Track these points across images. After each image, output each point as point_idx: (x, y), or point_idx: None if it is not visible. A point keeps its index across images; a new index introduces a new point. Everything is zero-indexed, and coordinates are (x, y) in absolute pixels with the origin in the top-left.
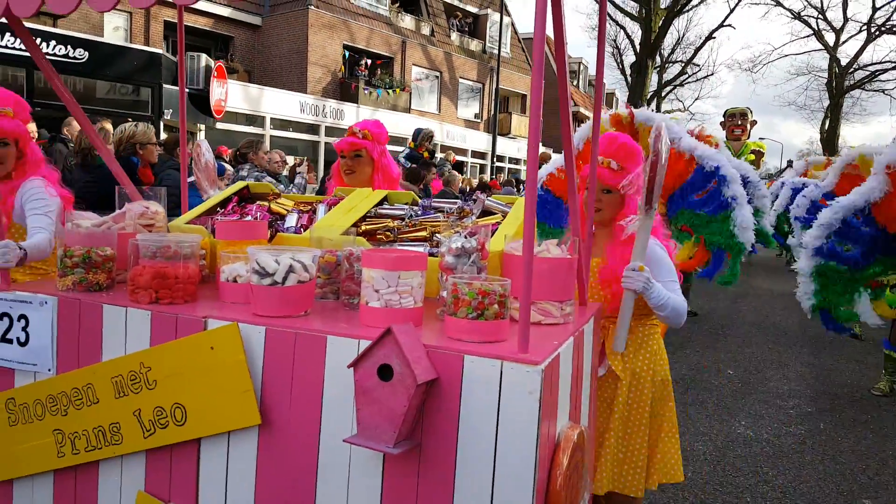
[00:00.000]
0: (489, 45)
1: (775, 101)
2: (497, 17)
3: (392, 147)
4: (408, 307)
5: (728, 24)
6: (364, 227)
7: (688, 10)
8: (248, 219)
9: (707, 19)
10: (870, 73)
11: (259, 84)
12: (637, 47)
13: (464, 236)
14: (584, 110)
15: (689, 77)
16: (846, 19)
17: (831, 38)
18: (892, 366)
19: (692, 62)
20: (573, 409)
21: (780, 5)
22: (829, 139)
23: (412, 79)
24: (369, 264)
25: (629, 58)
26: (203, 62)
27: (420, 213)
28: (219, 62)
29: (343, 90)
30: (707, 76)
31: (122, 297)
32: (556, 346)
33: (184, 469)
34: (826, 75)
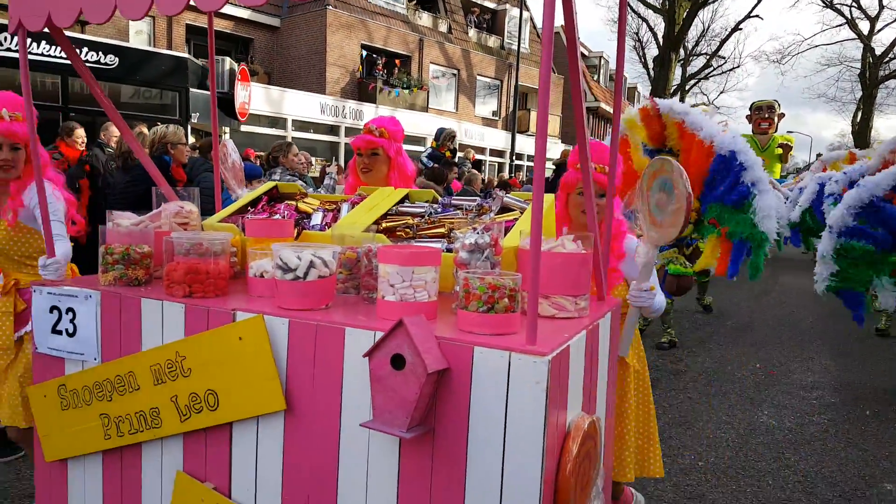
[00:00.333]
0: (507, 40)
1: (804, 94)
2: (514, 12)
3: (411, 146)
4: (422, 301)
5: (755, 15)
6: (385, 225)
7: (713, 1)
8: (276, 217)
9: (733, 10)
10: None
11: (278, 85)
12: (660, 40)
13: (478, 232)
14: (605, 105)
15: (714, 70)
16: (882, 7)
17: (865, 26)
18: None
19: (717, 54)
20: (586, 400)
21: None
22: (861, 131)
23: (430, 77)
24: (385, 260)
25: (652, 51)
26: (227, 65)
27: (440, 210)
28: (242, 65)
29: (361, 90)
30: (733, 69)
31: (158, 292)
32: (566, 339)
33: (218, 451)
34: (859, 65)
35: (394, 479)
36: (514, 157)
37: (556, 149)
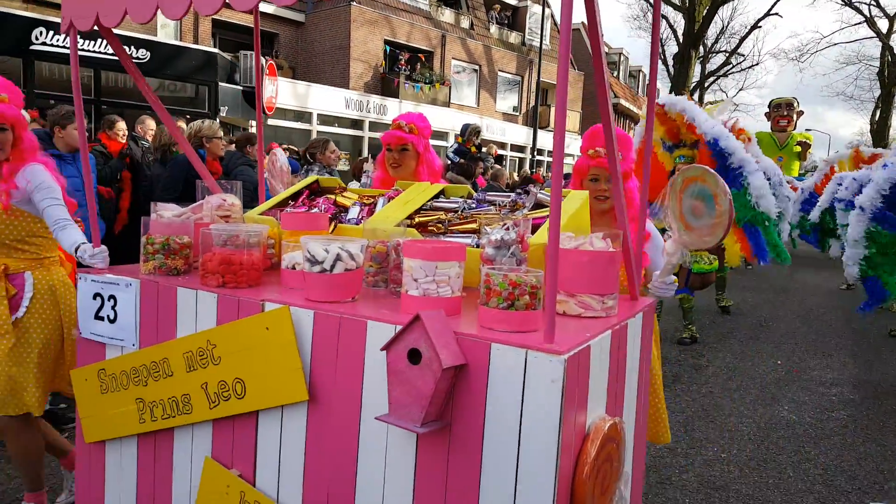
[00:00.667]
0: (528, 37)
1: (823, 92)
2: (535, 9)
3: (434, 141)
4: (445, 296)
5: (775, 13)
6: (418, 220)
7: None
8: (315, 211)
9: (752, 8)
10: None
11: (302, 80)
12: (680, 37)
13: (504, 228)
14: (624, 102)
15: (733, 67)
16: None
17: (884, 24)
18: None
19: (737, 52)
20: (611, 402)
21: None
22: (880, 130)
23: (451, 73)
24: (409, 254)
25: (671, 48)
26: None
27: (474, 206)
28: (269, 60)
29: (384, 85)
30: (752, 66)
31: (194, 281)
32: (588, 339)
33: (244, 438)
34: (878, 64)
35: (410, 472)
36: (535, 153)
37: (575, 144)
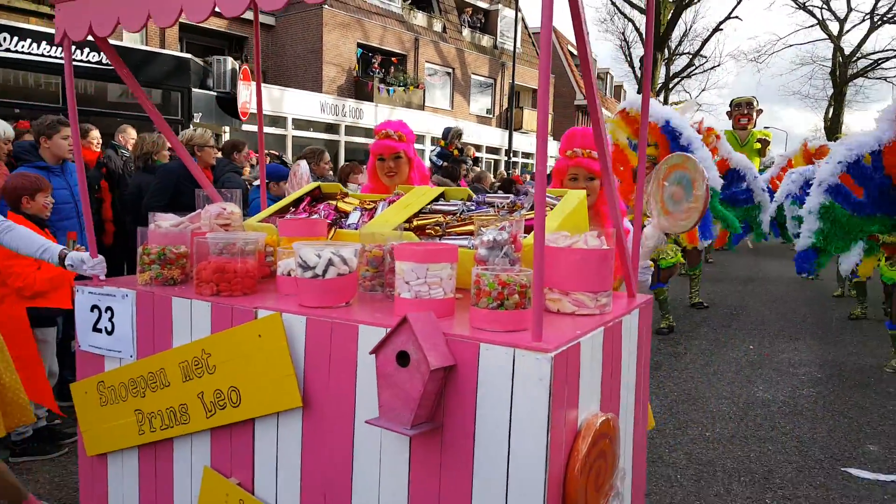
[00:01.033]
0: (500, 40)
1: (780, 91)
2: (506, 12)
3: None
4: (437, 298)
5: (735, 16)
6: (415, 223)
7: (697, 3)
8: (315, 217)
9: (713, 11)
10: (872, 61)
11: (273, 84)
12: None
13: (500, 229)
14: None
15: (696, 69)
16: (850, 9)
17: (835, 27)
18: None
19: (699, 54)
20: (605, 399)
21: None
22: (833, 127)
23: (425, 76)
24: (401, 257)
25: (637, 50)
26: (229, 65)
27: (474, 208)
28: (244, 65)
29: (358, 88)
30: (713, 67)
31: (189, 291)
32: (577, 336)
33: (242, 447)
34: (830, 64)
35: (404, 474)
36: (511, 155)
37: (548, 145)
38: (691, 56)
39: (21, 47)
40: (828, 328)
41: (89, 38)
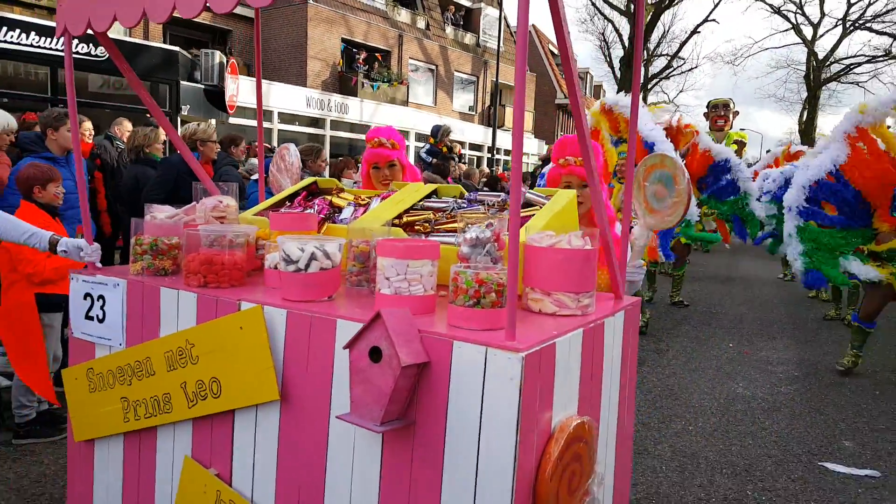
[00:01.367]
0: (482, 38)
1: (756, 94)
2: (488, 11)
3: None
4: (417, 294)
5: (712, 19)
6: (405, 219)
7: (675, 5)
8: (310, 211)
9: (691, 13)
10: (845, 66)
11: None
12: (625, 41)
13: (487, 226)
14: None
15: (674, 70)
16: (823, 14)
17: (809, 32)
18: (858, 339)
19: (677, 56)
20: (585, 402)
21: (761, 0)
22: (807, 130)
23: (408, 72)
24: (382, 253)
25: (617, 52)
26: (217, 58)
27: (465, 205)
28: (231, 58)
29: (342, 84)
30: (691, 69)
31: (179, 282)
32: (553, 337)
33: (222, 438)
34: (804, 68)
35: (376, 470)
36: (495, 152)
37: (528, 143)
38: (669, 58)
39: (12, 38)
40: (804, 328)
41: (88, 31)
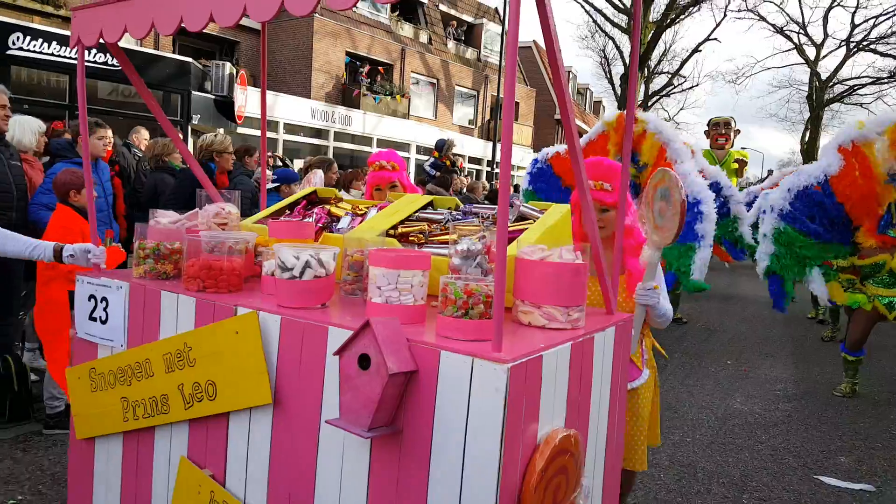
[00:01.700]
0: (483, 53)
1: (757, 113)
2: (490, 26)
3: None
4: (407, 304)
5: (713, 38)
6: (400, 230)
7: (677, 23)
8: (308, 220)
9: (692, 32)
10: (848, 87)
11: (266, 88)
12: (626, 59)
13: (473, 239)
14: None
15: (675, 88)
16: (826, 35)
17: (812, 52)
18: (850, 368)
19: (678, 74)
20: (572, 415)
21: (763, 20)
22: (809, 150)
23: (409, 85)
24: (373, 262)
25: (618, 69)
26: (227, 70)
27: (460, 217)
28: (241, 70)
29: (345, 96)
30: (692, 87)
31: (179, 286)
32: (540, 349)
33: (216, 439)
34: (807, 88)
35: (364, 476)
36: (494, 166)
37: (528, 158)
38: (670, 75)
39: (33, 46)
40: (803, 348)
41: (101, 41)
